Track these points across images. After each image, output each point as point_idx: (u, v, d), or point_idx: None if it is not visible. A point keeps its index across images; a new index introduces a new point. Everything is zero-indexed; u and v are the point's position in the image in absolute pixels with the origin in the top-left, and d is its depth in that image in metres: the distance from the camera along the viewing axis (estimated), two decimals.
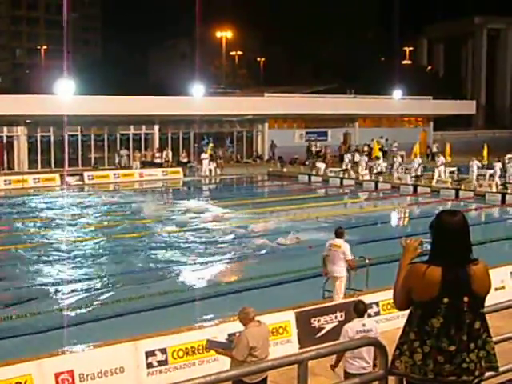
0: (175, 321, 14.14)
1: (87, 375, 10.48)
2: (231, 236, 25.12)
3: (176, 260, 21.43)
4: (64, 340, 13.47)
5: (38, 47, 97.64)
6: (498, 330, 5.36)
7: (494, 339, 4.45)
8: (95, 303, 16.59)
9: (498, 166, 36.76)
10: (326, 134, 57.57)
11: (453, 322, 4.25)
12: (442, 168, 38.82)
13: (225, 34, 74.53)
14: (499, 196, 33.85)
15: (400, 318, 13.85)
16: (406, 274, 4.41)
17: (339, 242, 14.77)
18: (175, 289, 17.72)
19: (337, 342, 9.09)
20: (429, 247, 4.41)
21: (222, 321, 12.76)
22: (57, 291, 17.69)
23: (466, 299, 4.26)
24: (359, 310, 9.99)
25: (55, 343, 12.87)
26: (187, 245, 23.68)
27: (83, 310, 15.98)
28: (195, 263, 20.95)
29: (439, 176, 38.41)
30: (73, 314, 15.67)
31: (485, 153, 40.34)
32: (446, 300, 4.26)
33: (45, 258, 21.49)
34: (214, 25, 71.51)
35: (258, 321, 9.45)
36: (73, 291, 17.69)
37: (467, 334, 4.25)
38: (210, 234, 25.71)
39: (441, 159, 39.41)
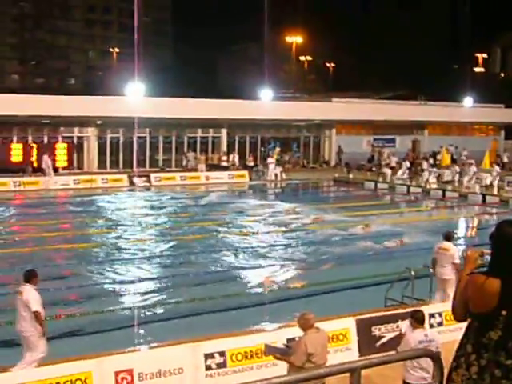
0: (236, 324, 14.21)
1: (146, 374, 10.58)
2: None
3: (240, 263, 21.52)
4: (125, 339, 13.63)
5: (111, 50, 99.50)
6: None
7: None
8: (158, 303, 16.75)
9: None
10: (394, 140, 56.97)
11: (511, 335, 4.13)
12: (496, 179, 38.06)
13: (295, 39, 74.58)
14: None
15: (463, 330, 13.65)
16: (464, 284, 4.32)
17: (447, 245, 14.92)
18: (246, 291, 17.80)
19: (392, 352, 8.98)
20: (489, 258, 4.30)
21: (282, 325, 12.75)
22: (120, 291, 17.93)
23: None
24: (418, 318, 9.87)
25: (117, 342, 13.05)
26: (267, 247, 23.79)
27: (146, 310, 16.14)
28: (274, 265, 21.05)
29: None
30: (136, 313, 15.82)
31: None
32: (504, 312, 4.15)
33: (110, 258, 21.82)
34: (284, 30, 71.65)
35: (317, 327, 9.41)
36: (136, 291, 17.91)
37: None
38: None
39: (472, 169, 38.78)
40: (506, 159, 51.24)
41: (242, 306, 16.50)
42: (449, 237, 15.29)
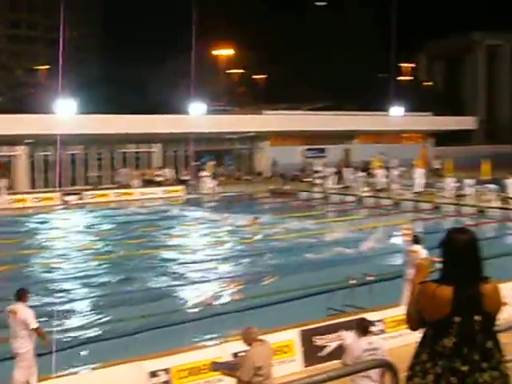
0: (178, 340, 14.07)
1: None
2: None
3: (181, 278, 21.37)
4: (64, 362, 13.30)
5: (38, 66, 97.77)
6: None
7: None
8: (97, 324, 16.45)
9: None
10: (325, 150, 57.58)
11: (465, 341, 4.15)
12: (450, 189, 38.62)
13: (223, 52, 74.73)
14: (500, 211, 33.82)
15: (405, 336, 13.75)
16: (417, 293, 4.33)
17: (416, 247, 15.57)
18: (179, 308, 17.63)
19: (342, 363, 8.98)
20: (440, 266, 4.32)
21: (226, 340, 12.66)
22: (55, 312, 17.52)
23: (477, 318, 4.16)
24: (363, 327, 9.87)
25: (54, 366, 12.71)
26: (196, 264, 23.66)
27: (86, 331, 15.84)
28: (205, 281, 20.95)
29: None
30: (73, 335, 15.50)
31: (486, 168, 40.27)
32: (457, 319, 4.17)
33: (43, 278, 21.37)
34: (213, 43, 71.69)
35: (262, 340, 9.36)
36: (73, 311, 17.57)
37: (480, 354, 4.14)
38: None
39: (448, 181, 39.28)
40: (437, 165, 52.26)
41: (183, 321, 16.34)
42: (417, 240, 15.99)
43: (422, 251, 15.40)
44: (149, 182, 46.44)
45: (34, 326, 11.22)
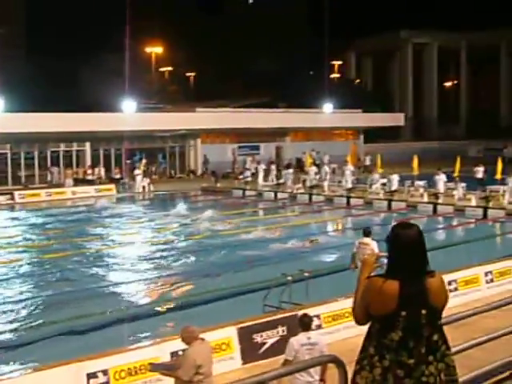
0: (116, 341, 13.97)
1: None
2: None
3: (115, 277, 21.18)
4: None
5: None
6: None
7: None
8: (30, 325, 16.17)
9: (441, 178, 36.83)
10: (258, 147, 57.78)
11: (411, 335, 4.22)
12: (378, 184, 39.13)
13: (154, 50, 74.21)
14: (431, 206, 34.49)
15: (341, 331, 13.96)
16: (363, 288, 4.39)
17: (367, 240, 16.49)
18: (114, 308, 17.45)
19: (292, 361, 9.06)
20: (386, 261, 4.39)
21: (164, 339, 12.60)
22: None
23: (423, 312, 4.23)
24: (304, 323, 9.97)
25: None
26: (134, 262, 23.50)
27: (19, 333, 15.57)
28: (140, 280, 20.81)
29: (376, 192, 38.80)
30: (5, 338, 15.24)
31: (415, 164, 41.02)
32: (403, 313, 4.23)
33: None
34: (143, 40, 71.06)
35: (202, 338, 9.34)
36: (3, 313, 17.25)
37: (426, 347, 4.22)
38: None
39: (375, 177, 39.78)
40: (368, 162, 52.98)
41: (119, 321, 16.23)
42: (367, 233, 16.85)
43: (372, 243, 16.33)
44: (81, 181, 45.86)
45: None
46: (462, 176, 37.50)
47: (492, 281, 17.31)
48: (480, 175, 39.45)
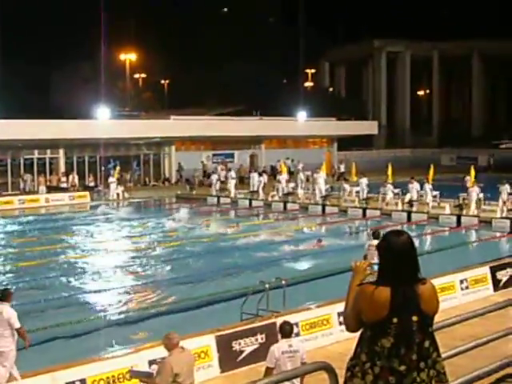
0: (93, 349, 13.90)
1: None
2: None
3: (90, 286, 21.06)
4: None
5: None
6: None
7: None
8: None
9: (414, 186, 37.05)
10: (232, 155, 57.83)
11: (403, 341, 4.25)
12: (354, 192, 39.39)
13: (128, 57, 73.99)
14: (405, 214, 34.73)
15: (320, 338, 14.02)
16: (355, 295, 4.42)
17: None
18: (90, 316, 17.36)
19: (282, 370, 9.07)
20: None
21: (141, 348, 12.56)
22: None
23: (415, 319, 4.27)
24: (285, 331, 10.00)
25: None
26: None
27: None
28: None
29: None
30: None
31: (389, 172, 41.28)
32: (395, 320, 4.26)
33: None
34: (117, 47, 70.80)
35: (182, 347, 9.35)
36: None
37: (417, 354, 4.25)
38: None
39: (343, 186, 40.03)
40: (342, 169, 53.22)
41: (97, 329, 16.14)
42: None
43: None
44: (54, 189, 45.55)
45: (17, 326, 11.70)
46: (435, 184, 37.76)
47: (467, 288, 17.47)
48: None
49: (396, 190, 38.22)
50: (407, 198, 36.59)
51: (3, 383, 11.44)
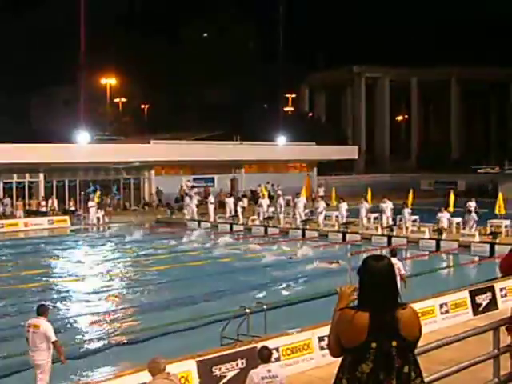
0: (72, 375, 13.79)
1: None
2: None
3: (65, 311, 20.91)
4: None
5: None
6: None
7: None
8: None
9: (388, 206, 37.39)
10: (213, 180, 57.85)
11: (382, 366, 4.24)
12: (323, 215, 39.47)
13: (109, 81, 74.07)
14: (385, 238, 34.86)
15: (300, 363, 13.99)
16: (335, 320, 4.43)
17: (394, 260, 17.24)
18: (72, 341, 17.22)
19: None
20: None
21: (124, 373, 12.47)
22: None
23: (394, 343, 4.25)
24: (263, 355, 9.99)
25: None
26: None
27: None
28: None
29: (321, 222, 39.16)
30: None
31: (369, 196, 41.45)
32: (374, 345, 4.25)
33: None
34: (98, 71, 70.89)
35: (168, 373, 9.24)
36: None
37: (396, 379, 4.24)
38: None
39: (321, 204, 40.12)
40: (321, 193, 53.35)
41: (73, 357, 16.01)
42: (394, 253, 18.84)
43: (398, 263, 18.00)
44: (34, 213, 45.31)
45: (53, 340, 12.26)
46: (414, 208, 37.97)
47: (447, 312, 17.52)
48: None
49: (376, 215, 38.43)
50: (384, 219, 36.91)
51: None
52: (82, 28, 54.09)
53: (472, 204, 37.11)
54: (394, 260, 17.25)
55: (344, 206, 39.20)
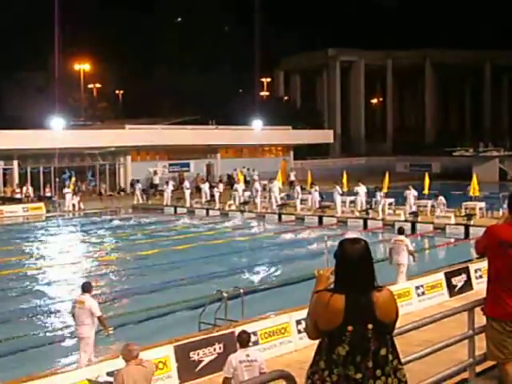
0: (49, 363, 13.76)
1: None
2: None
3: (43, 297, 20.83)
4: None
5: None
6: None
7: None
8: None
9: (362, 189, 37.63)
10: (188, 165, 57.68)
11: (358, 349, 4.24)
12: (299, 200, 39.62)
13: (82, 67, 73.50)
14: (361, 222, 35.04)
15: (278, 347, 14.05)
16: (312, 303, 4.44)
17: (401, 237, 18.90)
18: (45, 329, 17.17)
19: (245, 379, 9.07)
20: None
21: (100, 359, 12.48)
22: None
23: (370, 326, 4.25)
24: (242, 340, 10.02)
25: None
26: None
27: None
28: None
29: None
30: None
31: (344, 180, 41.57)
32: (350, 328, 4.24)
33: None
34: (71, 57, 70.35)
35: (141, 359, 9.24)
36: None
37: (373, 361, 4.24)
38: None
39: (297, 190, 40.26)
40: (292, 177, 53.49)
41: (53, 342, 15.99)
42: (402, 231, 19.38)
43: (406, 240, 18.91)
44: (8, 200, 44.92)
45: (98, 314, 12.98)
46: (390, 191, 38.17)
47: (423, 294, 17.68)
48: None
49: (351, 198, 38.59)
50: (359, 202, 37.13)
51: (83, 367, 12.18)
52: (55, 13, 53.55)
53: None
54: (401, 237, 18.93)
55: (316, 190, 39.34)
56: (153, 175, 53.12)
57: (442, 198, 35.09)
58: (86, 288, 13.39)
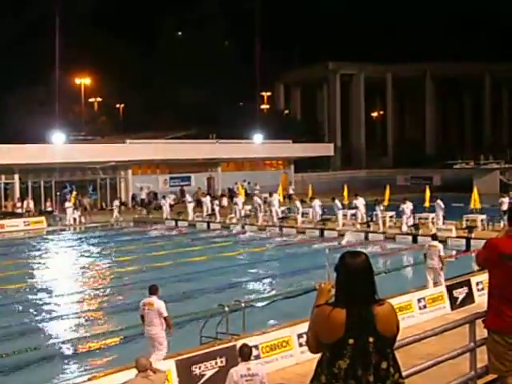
0: (50, 377, 13.74)
1: None
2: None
3: (42, 313, 20.79)
4: None
5: None
6: None
7: None
8: None
9: (360, 202, 37.65)
10: (189, 178, 57.77)
11: (359, 363, 4.23)
12: (300, 214, 39.64)
13: (83, 81, 73.67)
14: (363, 235, 35.04)
15: (279, 360, 14.03)
16: (313, 316, 4.44)
17: (435, 243, 20.04)
18: (43, 344, 17.13)
19: None
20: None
21: (104, 373, 12.48)
22: None
23: (371, 340, 4.25)
24: (243, 353, 10.03)
25: None
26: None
27: None
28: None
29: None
30: None
31: (345, 193, 41.59)
32: (351, 341, 4.24)
33: None
34: (72, 71, 70.45)
35: (148, 374, 9.32)
36: None
37: (374, 375, 4.23)
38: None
39: (296, 205, 40.31)
40: (291, 191, 53.59)
41: (52, 357, 15.96)
42: (435, 237, 20.72)
43: (439, 245, 19.87)
44: (9, 214, 44.94)
45: (166, 315, 13.72)
46: (390, 204, 38.16)
47: (425, 307, 17.66)
48: (505, 207, 35.23)
49: (353, 211, 38.59)
50: (359, 215, 37.14)
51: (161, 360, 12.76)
52: (56, 28, 53.73)
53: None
54: (434, 242, 20.01)
55: (317, 202, 39.31)
56: (139, 191, 53.19)
57: (439, 202, 35.02)
58: (153, 290, 14.03)
